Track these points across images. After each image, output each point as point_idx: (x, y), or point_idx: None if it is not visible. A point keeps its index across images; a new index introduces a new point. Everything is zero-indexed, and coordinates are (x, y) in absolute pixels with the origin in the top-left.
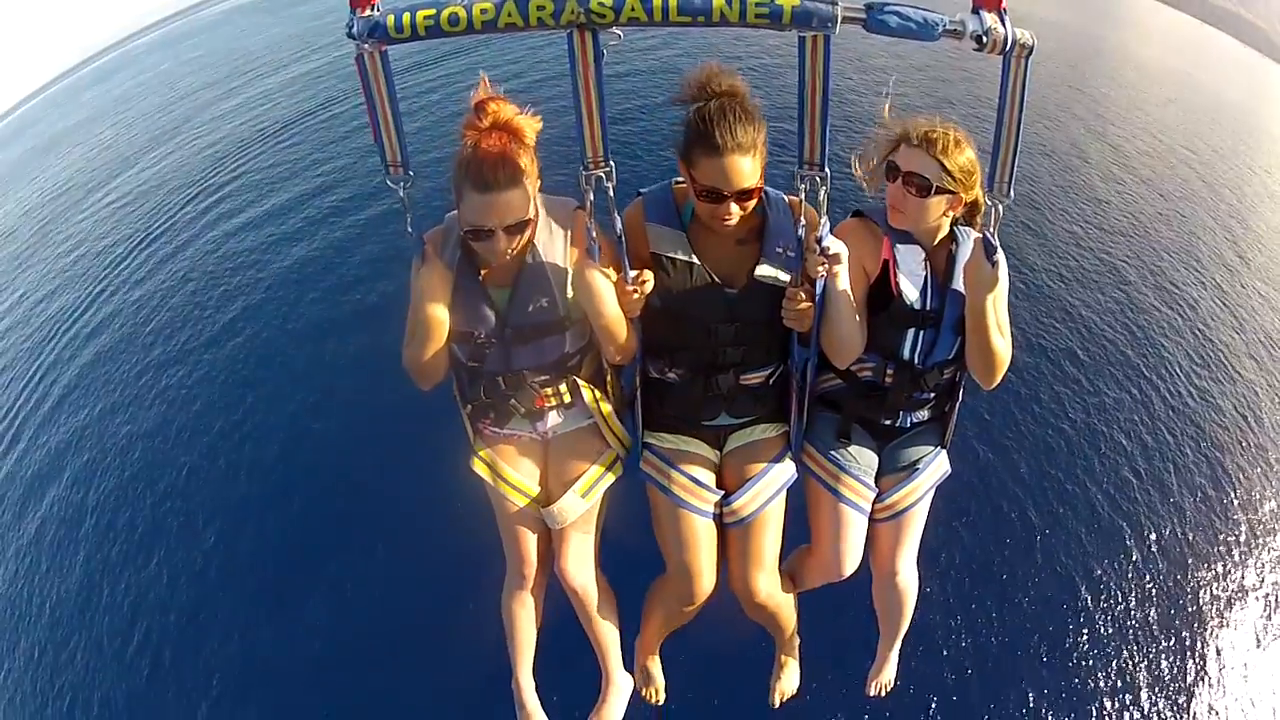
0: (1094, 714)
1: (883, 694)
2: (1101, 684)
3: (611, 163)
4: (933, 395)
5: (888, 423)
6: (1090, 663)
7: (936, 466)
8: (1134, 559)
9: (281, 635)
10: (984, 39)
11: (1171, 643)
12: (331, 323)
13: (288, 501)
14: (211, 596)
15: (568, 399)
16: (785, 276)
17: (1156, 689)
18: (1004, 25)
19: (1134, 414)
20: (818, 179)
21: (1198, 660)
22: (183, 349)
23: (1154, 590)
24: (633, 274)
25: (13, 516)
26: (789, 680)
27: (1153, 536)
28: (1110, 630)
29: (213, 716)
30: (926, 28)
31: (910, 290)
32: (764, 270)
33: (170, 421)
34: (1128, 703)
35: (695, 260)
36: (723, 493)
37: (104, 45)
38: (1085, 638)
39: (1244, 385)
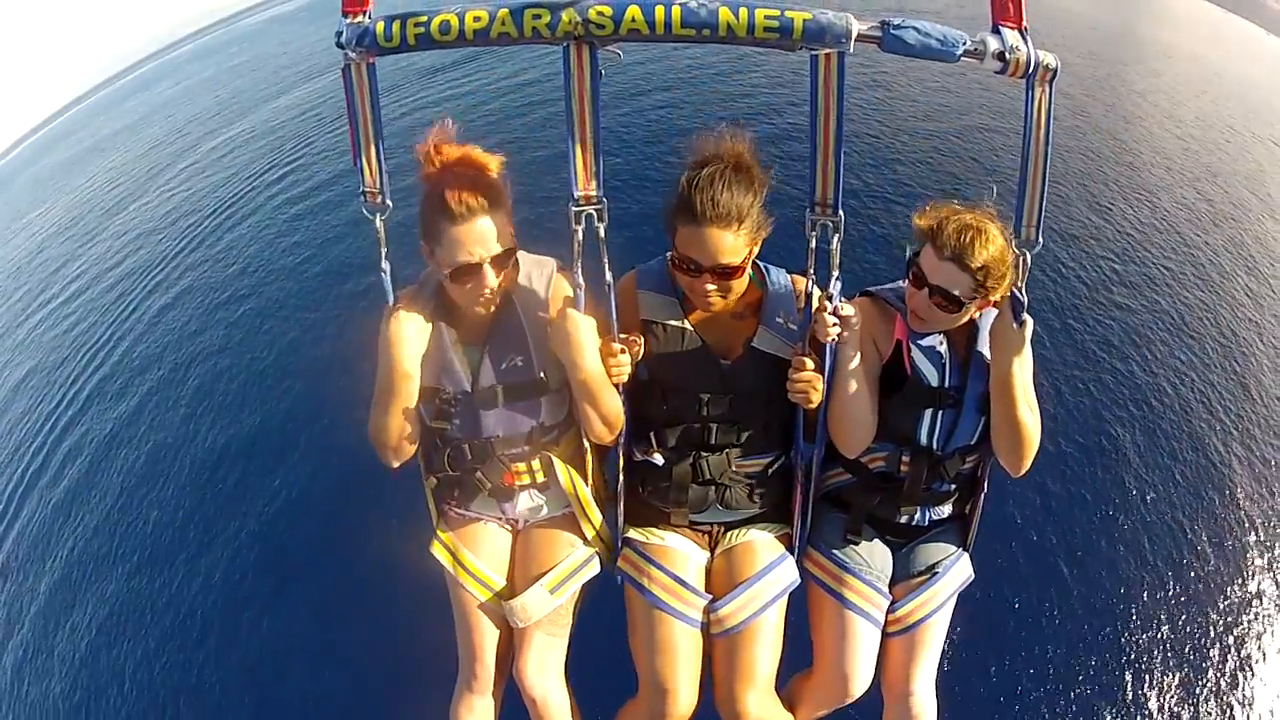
0: None
1: None
2: None
3: (604, 200)
4: (954, 487)
5: (904, 521)
6: None
7: (958, 571)
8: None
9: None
10: (1006, 59)
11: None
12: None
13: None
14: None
15: (540, 478)
16: (786, 347)
17: None
18: (1026, 45)
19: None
20: (829, 224)
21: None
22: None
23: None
24: (623, 335)
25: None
26: None
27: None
28: None
29: None
30: (947, 46)
31: (927, 367)
32: (763, 339)
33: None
34: None
35: (687, 325)
36: (710, 597)
37: (141, 56)
38: None
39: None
